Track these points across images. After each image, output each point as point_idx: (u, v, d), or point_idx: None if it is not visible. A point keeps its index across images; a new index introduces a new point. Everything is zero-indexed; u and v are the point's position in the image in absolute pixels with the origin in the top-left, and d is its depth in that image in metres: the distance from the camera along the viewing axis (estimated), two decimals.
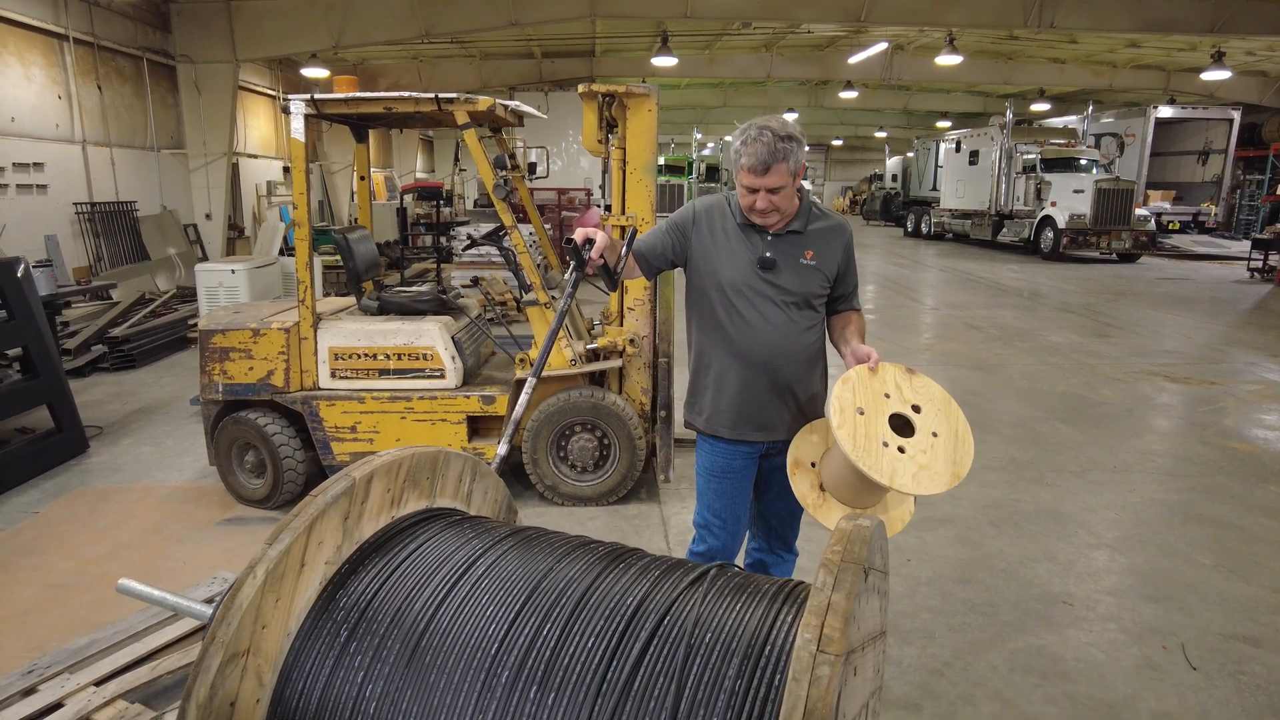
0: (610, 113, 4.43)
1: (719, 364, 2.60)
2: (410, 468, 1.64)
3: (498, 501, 1.97)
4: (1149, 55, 19.33)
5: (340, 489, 1.46)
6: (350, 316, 4.65)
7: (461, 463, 1.81)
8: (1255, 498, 4.90)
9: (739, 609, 1.32)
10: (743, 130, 2.38)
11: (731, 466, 2.67)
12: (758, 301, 2.51)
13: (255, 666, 1.34)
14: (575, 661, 1.25)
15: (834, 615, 1.10)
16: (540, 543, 1.54)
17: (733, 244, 2.53)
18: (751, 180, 2.35)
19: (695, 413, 2.72)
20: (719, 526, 2.73)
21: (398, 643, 1.34)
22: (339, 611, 1.40)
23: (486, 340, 5.27)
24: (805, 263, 2.52)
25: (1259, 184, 21.09)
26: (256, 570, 1.33)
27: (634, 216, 4.48)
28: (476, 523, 1.65)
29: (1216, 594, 3.77)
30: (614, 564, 1.46)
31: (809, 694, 1.01)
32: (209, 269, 8.98)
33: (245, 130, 15.93)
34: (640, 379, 4.71)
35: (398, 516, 1.61)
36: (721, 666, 1.20)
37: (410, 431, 4.49)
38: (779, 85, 25.23)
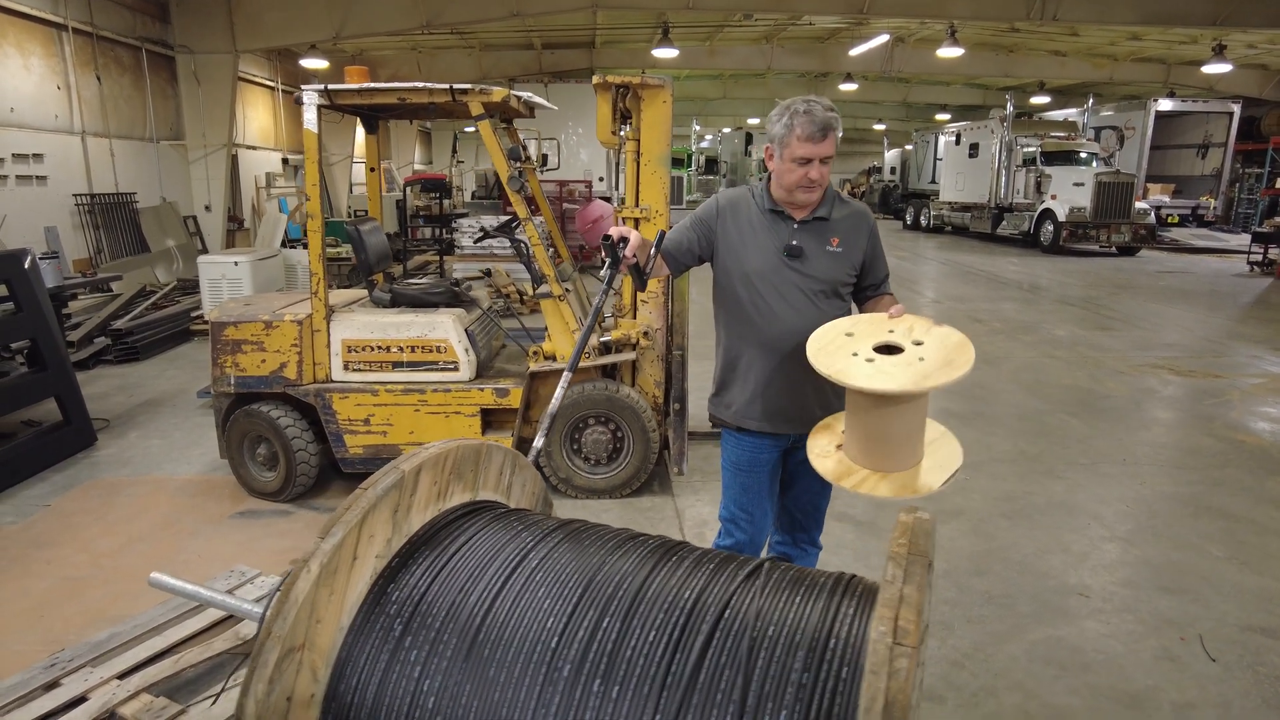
0: (624, 104, 4.41)
1: (747, 356, 2.60)
2: (455, 460, 1.63)
3: (535, 494, 1.96)
4: (1150, 48, 19.32)
5: (390, 482, 1.45)
6: (362, 309, 4.63)
7: (503, 455, 1.80)
8: (1265, 490, 4.91)
9: (798, 602, 1.31)
10: (784, 108, 2.38)
11: (758, 460, 2.67)
12: (785, 290, 2.50)
13: (310, 661, 1.33)
14: (638, 655, 1.24)
15: (907, 608, 1.10)
16: (589, 536, 1.53)
17: (758, 233, 2.52)
18: (808, 149, 2.35)
19: (722, 406, 2.71)
20: (745, 520, 2.72)
21: (454, 637, 1.33)
22: (391, 605, 1.39)
23: (498, 333, 5.25)
24: (832, 250, 2.52)
25: (1258, 177, 21.12)
26: (310, 564, 1.32)
27: (648, 208, 4.47)
28: (521, 516, 1.64)
29: (1231, 586, 3.79)
30: (666, 558, 1.45)
31: (888, 686, 1.01)
32: (211, 261, 8.94)
33: (244, 121, 15.84)
34: (653, 372, 4.70)
35: (444, 509, 1.60)
36: (787, 659, 1.20)
37: (424, 424, 4.48)
38: (779, 77, 25.16)
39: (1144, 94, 21.69)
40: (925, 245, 20.70)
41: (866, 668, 1.03)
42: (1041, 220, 18.27)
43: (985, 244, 20.44)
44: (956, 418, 6.24)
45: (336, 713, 1.34)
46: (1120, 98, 23.09)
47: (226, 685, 2.82)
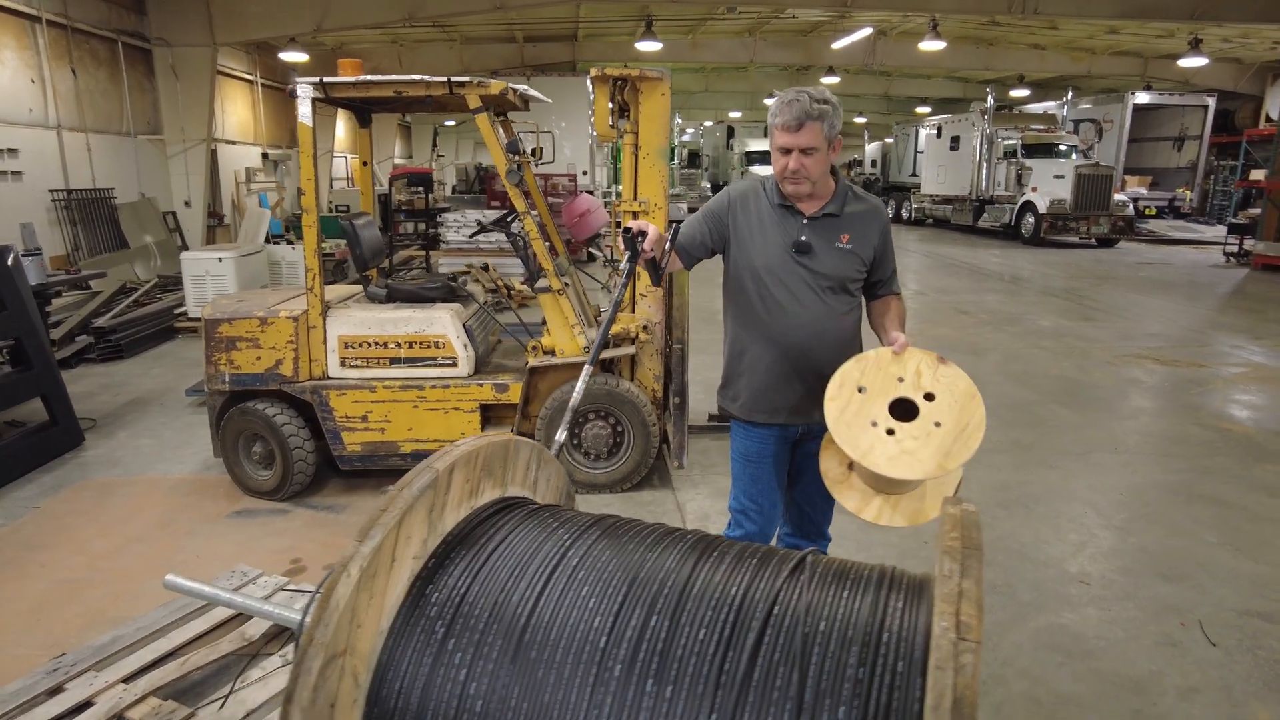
0: (622, 97, 4.38)
1: (754, 349, 2.60)
2: (486, 457, 1.61)
3: (560, 489, 1.95)
4: (1127, 42, 19.53)
5: (425, 481, 1.43)
6: (359, 305, 4.58)
7: (529, 451, 1.79)
8: (1255, 477, 4.99)
9: (846, 596, 1.31)
10: (778, 98, 2.38)
11: (766, 451, 2.68)
12: (793, 286, 2.50)
13: (351, 667, 1.31)
14: (689, 653, 1.23)
15: (967, 602, 1.10)
16: (626, 532, 1.52)
17: (767, 228, 2.52)
18: (785, 139, 2.34)
19: (730, 399, 2.72)
20: (755, 512, 2.73)
21: (499, 638, 1.31)
22: (431, 607, 1.37)
23: (494, 328, 5.22)
24: (841, 246, 2.51)
25: (1232, 170, 21.41)
26: (350, 569, 1.30)
27: (647, 202, 4.45)
28: (554, 512, 1.62)
29: (1227, 572, 3.85)
30: (706, 554, 1.44)
31: (955, 682, 1.00)
32: (195, 257, 8.82)
33: (223, 116, 15.62)
34: (653, 366, 4.69)
35: (476, 507, 1.59)
36: (841, 655, 1.19)
37: (422, 420, 4.44)
38: (761, 70, 25.19)
39: (1121, 87, 21.92)
40: (907, 237, 20.82)
41: (932, 663, 1.03)
42: (1022, 212, 18.45)
43: (967, 236, 20.60)
44: None
45: (379, 717, 1.32)
46: (1098, 91, 23.31)
47: (235, 687, 2.78)
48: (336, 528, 4.20)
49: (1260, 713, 2.87)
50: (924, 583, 1.37)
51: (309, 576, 3.68)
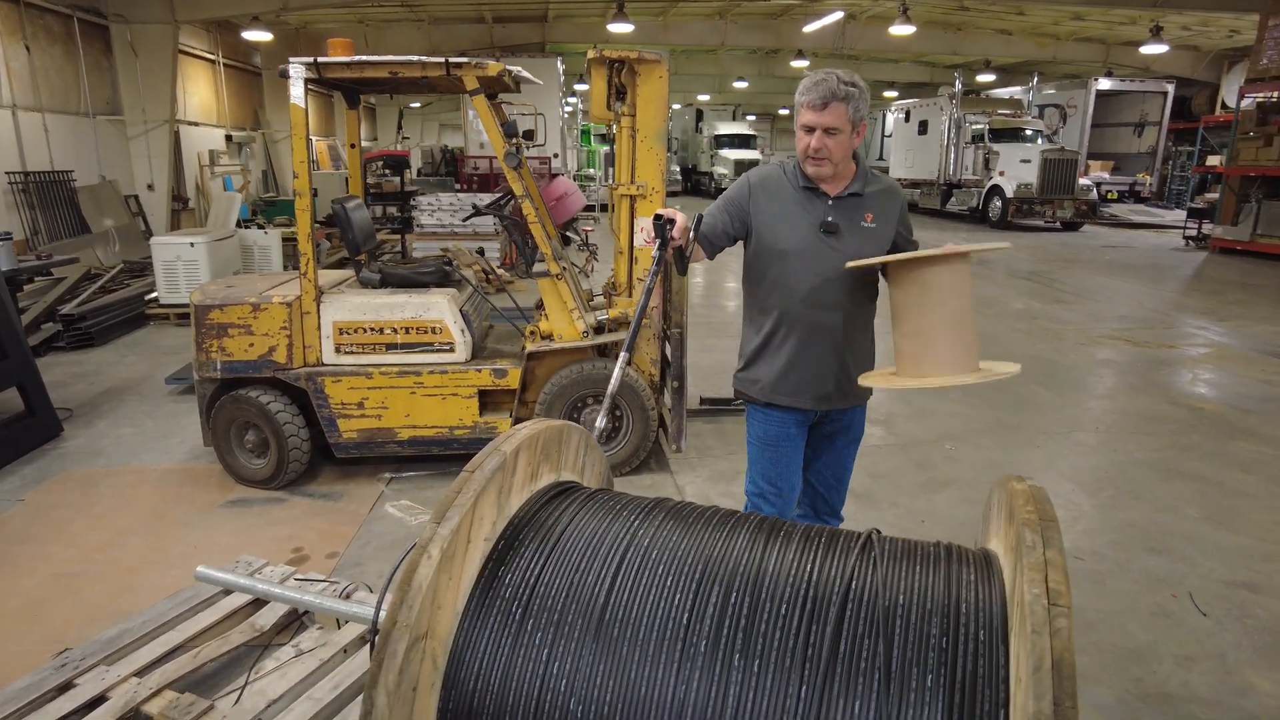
0: (619, 79, 4.36)
1: (781, 332, 2.61)
2: (544, 441, 1.61)
3: (602, 474, 1.95)
4: (1091, 28, 19.86)
5: (495, 464, 1.43)
6: (352, 290, 4.51)
7: (579, 436, 1.79)
8: (1229, 454, 5.16)
9: (919, 571, 1.34)
10: (808, 77, 2.39)
11: (786, 435, 2.70)
12: (820, 267, 2.52)
13: (431, 649, 1.31)
14: (773, 629, 1.25)
15: (1054, 570, 1.13)
16: (690, 515, 1.53)
17: (792, 210, 2.53)
18: (810, 117, 2.36)
19: (750, 382, 2.73)
20: (774, 494, 2.76)
21: (578, 618, 1.32)
22: (505, 589, 1.37)
23: (487, 312, 5.18)
24: (866, 226, 2.54)
25: (1189, 155, 21.95)
26: (430, 550, 1.29)
27: (644, 185, 4.44)
28: (613, 496, 1.63)
29: (1211, 545, 3.98)
30: (774, 535, 1.46)
31: (1052, 645, 1.04)
32: (166, 242, 8.61)
33: (184, 96, 15.19)
34: (650, 350, 4.70)
35: (537, 490, 1.59)
36: (923, 625, 1.22)
37: (420, 407, 4.40)
38: (731, 53, 25.15)
39: (1084, 73, 22.31)
40: None
41: (1029, 629, 1.06)
42: (990, 196, 18.73)
43: (935, 219, 20.86)
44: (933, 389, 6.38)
45: (456, 699, 1.32)
46: (1061, 76, 23.70)
47: (250, 678, 2.75)
48: (335, 515, 4.16)
49: (1253, 678, 2.99)
50: (989, 557, 1.41)
51: (313, 565, 3.65)
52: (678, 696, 1.22)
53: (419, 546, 1.31)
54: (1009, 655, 1.17)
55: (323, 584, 3.17)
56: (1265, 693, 2.92)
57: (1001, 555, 1.37)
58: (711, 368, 6.73)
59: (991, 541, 1.50)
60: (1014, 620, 1.17)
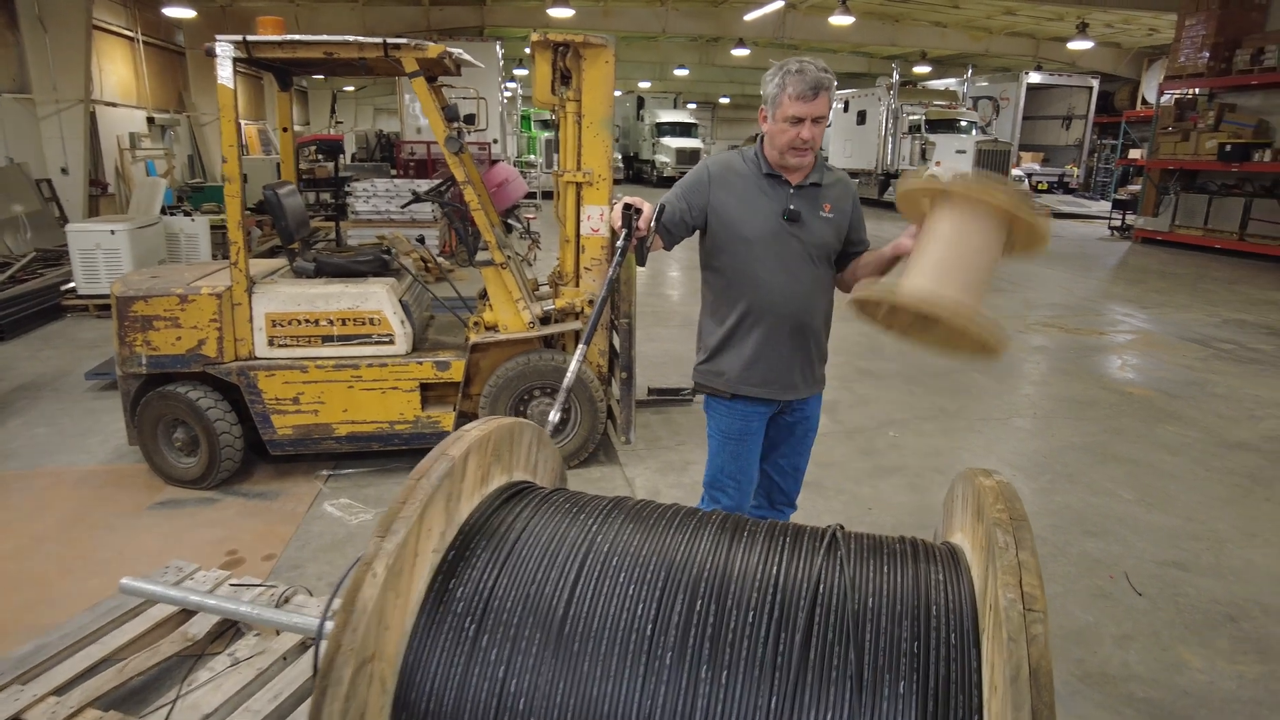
0: (564, 63, 4.25)
1: (746, 322, 2.57)
2: (495, 441, 1.53)
3: (556, 470, 1.88)
4: (1022, 23, 20.39)
5: (443, 469, 1.34)
6: (286, 280, 4.32)
7: (530, 433, 1.71)
8: (1156, 437, 5.35)
9: (887, 571, 1.31)
10: (777, 69, 2.36)
11: (749, 428, 2.67)
12: (784, 255, 2.49)
13: (379, 672, 1.22)
14: (740, 637, 1.20)
15: (1028, 574, 1.11)
16: (650, 515, 1.48)
17: (755, 198, 2.49)
18: (800, 108, 2.32)
19: (713, 375, 2.67)
20: (733, 487, 2.73)
21: (536, 631, 1.25)
22: (457, 603, 1.30)
23: (428, 302, 5.03)
24: (825, 215, 2.53)
25: (1113, 148, 22.78)
26: (375, 567, 1.20)
27: (591, 173, 4.35)
28: (569, 496, 1.56)
29: (1143, 526, 4.11)
30: (737, 535, 1.41)
31: (1029, 653, 1.01)
32: (83, 229, 8.15)
33: (100, 75, 14.42)
34: (597, 341, 4.63)
35: (487, 494, 1.51)
36: (894, 630, 1.19)
37: (358, 401, 4.25)
38: (672, 41, 25.10)
39: (1015, 67, 22.92)
40: None
41: (1004, 636, 1.03)
42: None
43: (873, 209, 21.17)
44: (875, 377, 6.48)
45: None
46: (994, 70, 24.29)
47: (182, 691, 2.61)
48: (271, 515, 3.99)
49: (1185, 655, 3.09)
50: (955, 553, 1.38)
51: (249, 568, 3.48)
52: (643, 711, 1.16)
53: (363, 563, 1.22)
54: (980, 659, 1.14)
55: (259, 589, 3.02)
56: (1197, 669, 3.02)
57: (969, 552, 1.35)
58: (658, 357, 6.70)
59: (956, 536, 1.48)
60: (986, 624, 1.15)
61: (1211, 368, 7.02)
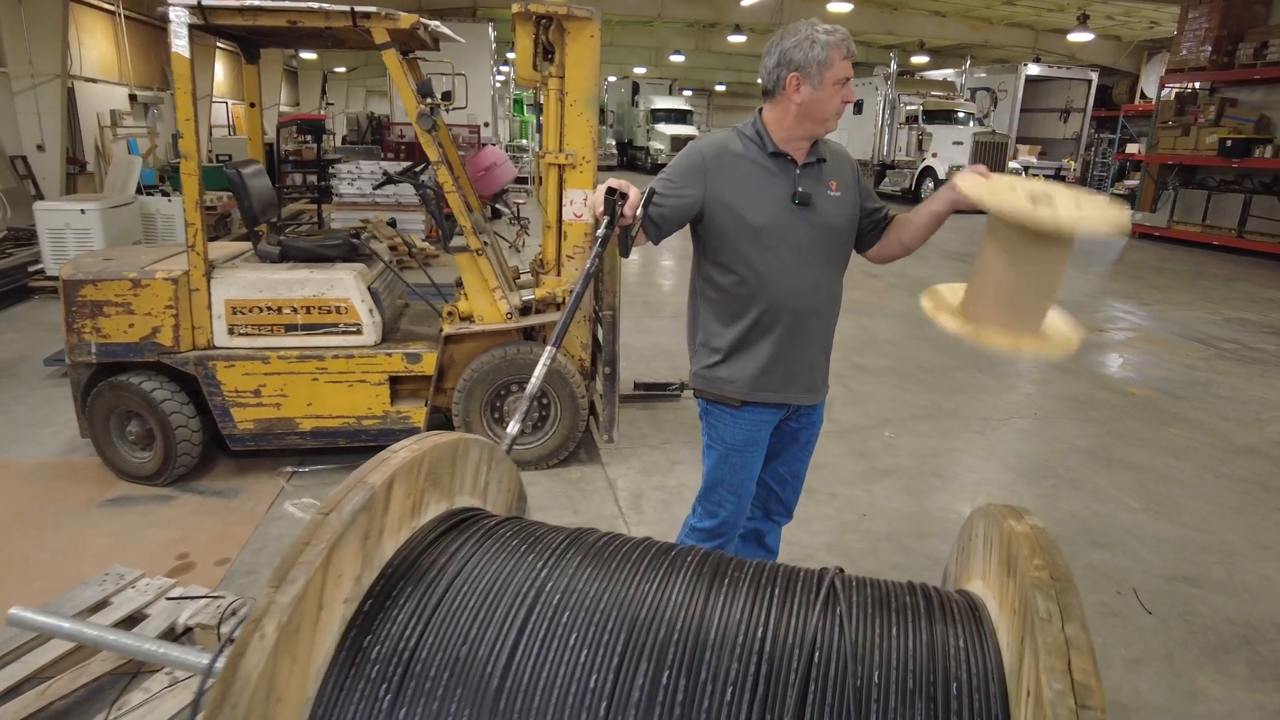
0: (547, 37, 3.99)
1: (763, 323, 2.29)
2: (431, 464, 1.29)
3: (512, 490, 1.65)
4: (1021, 13, 20.11)
5: (358, 503, 1.10)
6: (248, 264, 4.06)
7: (479, 451, 1.47)
8: (1161, 440, 5.15)
9: (895, 633, 1.08)
10: (795, 35, 2.12)
11: (756, 437, 2.42)
12: (798, 242, 2.24)
13: None
14: (715, 719, 0.97)
15: (1080, 656, 0.88)
16: (612, 554, 1.24)
17: (760, 180, 2.22)
18: (846, 67, 2.14)
19: (723, 382, 2.37)
20: (733, 501, 2.48)
21: (465, 704, 1.02)
22: (371, 666, 1.06)
23: (401, 290, 4.78)
24: (833, 194, 2.29)
25: (1110, 142, 22.56)
26: (264, 625, 0.97)
27: (574, 154, 4.10)
28: (517, 528, 1.32)
29: (1150, 537, 3.91)
30: (716, 581, 1.18)
31: None
32: (52, 208, 7.86)
33: (80, 50, 14.01)
34: (580, 333, 4.39)
35: (420, 526, 1.27)
36: (906, 713, 0.96)
37: (323, 394, 4.00)
38: (668, 26, 24.74)
39: (1013, 58, 22.64)
40: None
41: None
42: (923, 177, 18.87)
43: None
44: (870, 373, 6.26)
45: None
46: (992, 61, 24.02)
47: (111, 714, 2.37)
48: (228, 515, 3.74)
49: (1201, 680, 2.89)
50: (975, 608, 1.16)
51: (199, 574, 3.24)
52: None
53: (250, 621, 0.98)
54: None
55: (203, 601, 2.79)
56: (1214, 697, 2.81)
57: (994, 609, 1.13)
58: (646, 350, 6.46)
59: (975, 584, 1.26)
60: (1022, 713, 0.92)
61: (1215, 368, 6.83)
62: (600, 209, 1.97)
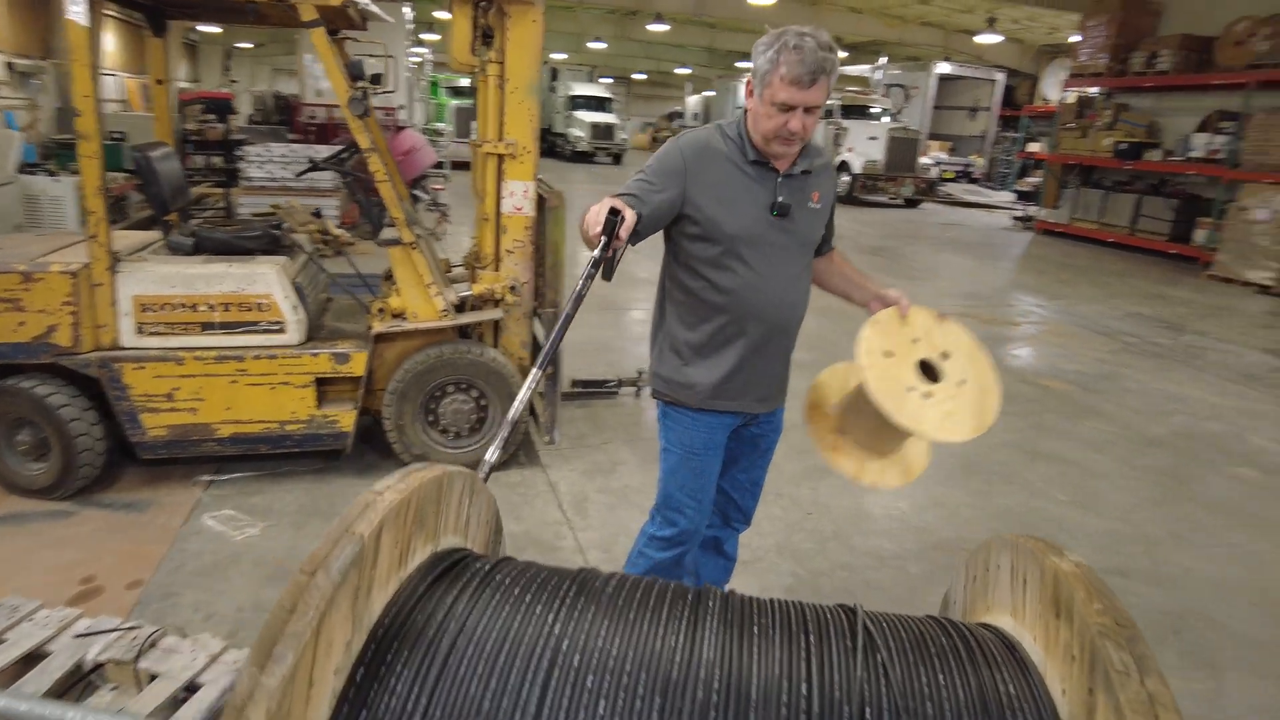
0: (486, 20, 3.81)
1: (727, 330, 2.25)
2: (418, 505, 1.15)
3: (489, 523, 1.51)
4: (934, 14, 20.75)
5: (347, 559, 0.96)
6: (158, 257, 3.73)
7: (461, 483, 1.34)
8: (1080, 433, 5.36)
9: (942, 681, 1.02)
10: (774, 37, 1.99)
11: (714, 441, 2.39)
12: (772, 254, 2.18)
13: None
14: None
15: (1164, 710, 0.82)
16: (626, 600, 1.13)
17: (739, 187, 2.15)
18: (791, 94, 1.97)
19: (683, 387, 2.32)
20: (693, 507, 2.43)
21: None
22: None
23: (325, 283, 4.50)
24: (813, 206, 2.24)
25: (1014, 141, 23.56)
26: (250, 715, 0.82)
27: (515, 144, 3.93)
28: (514, 572, 1.20)
29: (1080, 529, 4.05)
30: (745, 627, 1.09)
31: None
32: None
33: None
34: (519, 331, 4.23)
35: (407, 576, 1.13)
36: None
37: (244, 398, 3.73)
38: (589, 12, 24.47)
39: (925, 57, 23.35)
40: None
41: None
42: (839, 171, 19.24)
43: None
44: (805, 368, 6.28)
45: None
46: (905, 58, 24.71)
47: None
48: (140, 532, 3.44)
49: None
50: (1012, 646, 1.10)
51: (107, 602, 2.95)
52: None
53: (233, 708, 0.83)
54: None
55: (114, 634, 2.53)
56: None
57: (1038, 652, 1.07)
58: (583, 346, 6.32)
59: (1001, 618, 1.20)
60: None
61: (1121, 361, 7.17)
62: (598, 229, 1.83)
